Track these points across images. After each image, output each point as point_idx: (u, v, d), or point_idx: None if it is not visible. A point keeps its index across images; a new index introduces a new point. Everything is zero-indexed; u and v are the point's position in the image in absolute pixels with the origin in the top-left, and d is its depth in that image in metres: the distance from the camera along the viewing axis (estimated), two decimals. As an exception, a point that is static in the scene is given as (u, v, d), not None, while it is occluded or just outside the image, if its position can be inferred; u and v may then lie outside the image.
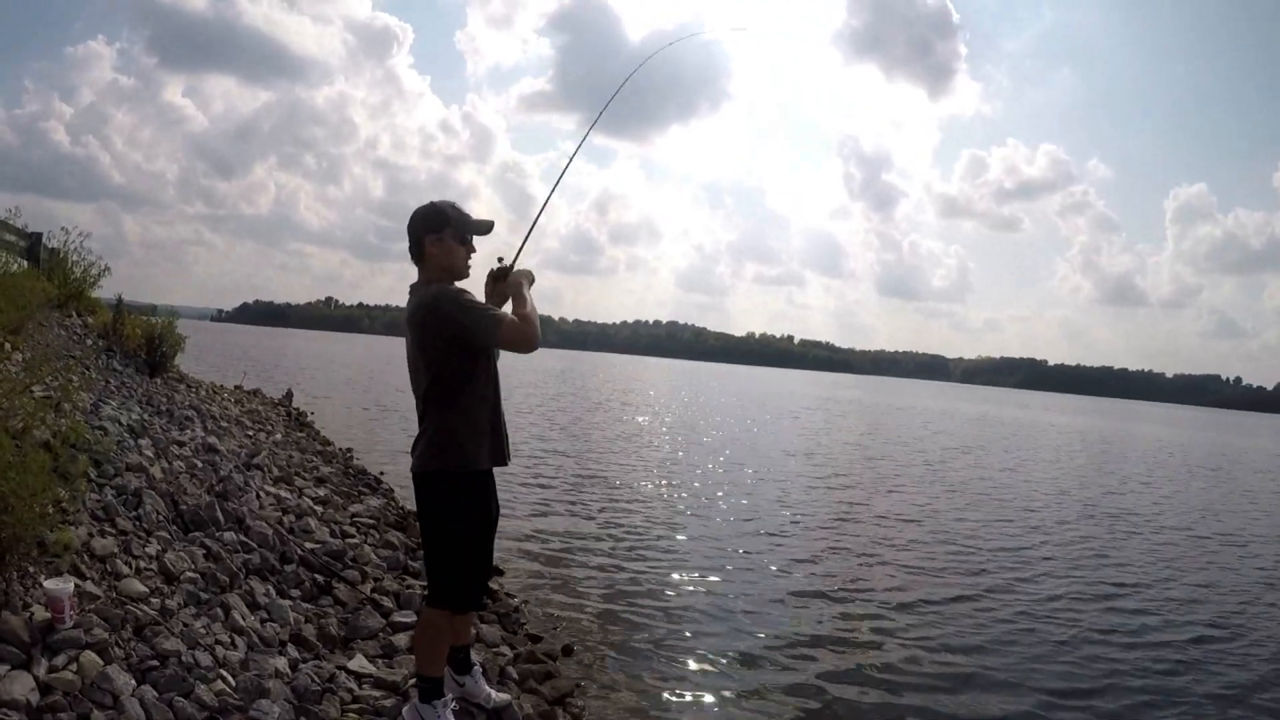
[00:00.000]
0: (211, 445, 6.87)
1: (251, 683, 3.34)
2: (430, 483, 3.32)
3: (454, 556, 3.34)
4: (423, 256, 3.34)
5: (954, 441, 25.72)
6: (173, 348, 10.43)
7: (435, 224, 3.33)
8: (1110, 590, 7.96)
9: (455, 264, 3.36)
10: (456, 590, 3.38)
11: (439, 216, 3.34)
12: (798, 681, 5.14)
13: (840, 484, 14.01)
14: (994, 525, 11.01)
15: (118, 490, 4.59)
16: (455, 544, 3.33)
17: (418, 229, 3.34)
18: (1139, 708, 5.14)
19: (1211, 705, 5.26)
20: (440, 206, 3.37)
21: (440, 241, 3.31)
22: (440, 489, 3.30)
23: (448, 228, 3.33)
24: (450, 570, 3.36)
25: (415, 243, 3.34)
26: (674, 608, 6.33)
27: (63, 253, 11.65)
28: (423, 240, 3.32)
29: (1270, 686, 5.67)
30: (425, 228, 3.33)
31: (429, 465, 3.29)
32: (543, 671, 4.53)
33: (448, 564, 3.36)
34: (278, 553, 5.05)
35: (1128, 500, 14.88)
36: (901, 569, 8.16)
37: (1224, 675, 5.81)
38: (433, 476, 3.30)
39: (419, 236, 3.33)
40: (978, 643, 6.07)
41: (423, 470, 3.31)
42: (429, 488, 3.33)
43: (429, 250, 3.32)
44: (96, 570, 3.64)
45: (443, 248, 3.32)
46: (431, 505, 3.34)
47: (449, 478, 3.28)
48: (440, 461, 3.28)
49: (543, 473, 12.38)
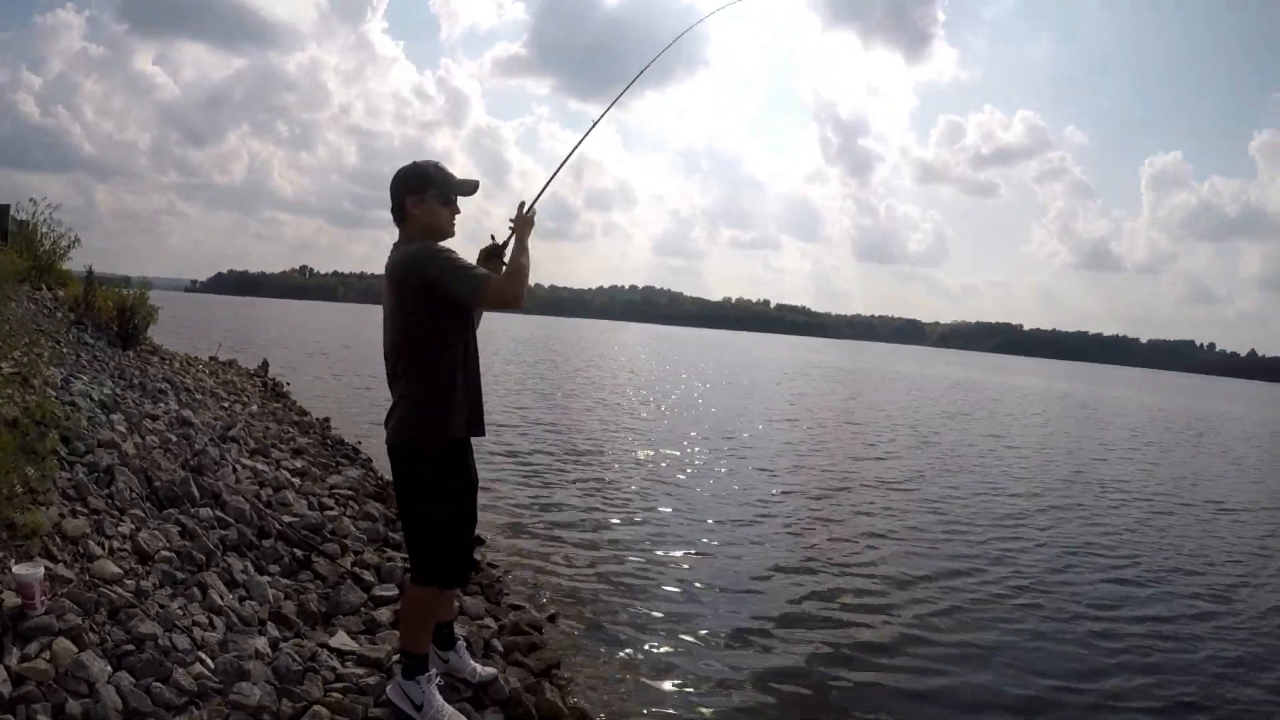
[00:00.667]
0: (186, 419, 6.76)
1: (231, 665, 3.28)
2: (407, 456, 3.24)
3: (437, 533, 3.28)
4: (405, 217, 3.27)
5: (937, 408, 25.67)
6: (145, 320, 10.27)
7: (417, 184, 3.26)
8: (1107, 561, 7.85)
9: (439, 224, 3.29)
10: (442, 567, 3.32)
11: (422, 177, 3.28)
12: (782, 648, 5.13)
13: (825, 452, 13.97)
14: (983, 494, 10.88)
15: (89, 468, 4.49)
16: (437, 520, 3.27)
17: (400, 189, 3.28)
18: (1142, 684, 5.09)
19: (1216, 681, 5.18)
20: (423, 166, 3.30)
21: (423, 202, 3.25)
22: (417, 462, 3.23)
23: (430, 188, 3.27)
24: (435, 547, 3.29)
25: (397, 204, 3.28)
26: (659, 576, 6.32)
27: (31, 225, 11.42)
28: (404, 201, 3.26)
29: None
30: (407, 188, 3.26)
31: (405, 436, 3.22)
32: (528, 643, 4.49)
33: (431, 541, 3.29)
34: (255, 527, 4.97)
35: (1117, 468, 14.82)
36: (890, 540, 8.06)
37: (1227, 651, 5.68)
38: (410, 449, 3.23)
39: (401, 197, 3.27)
40: (971, 618, 5.93)
41: (400, 442, 3.24)
42: (406, 461, 3.26)
43: (411, 211, 3.25)
44: (68, 552, 3.55)
45: (425, 208, 3.26)
46: (410, 480, 3.28)
47: (427, 450, 3.22)
48: (416, 432, 3.21)
49: (523, 442, 12.33)
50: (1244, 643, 5.88)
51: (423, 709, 3.28)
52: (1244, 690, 5.08)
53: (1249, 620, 6.39)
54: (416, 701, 3.28)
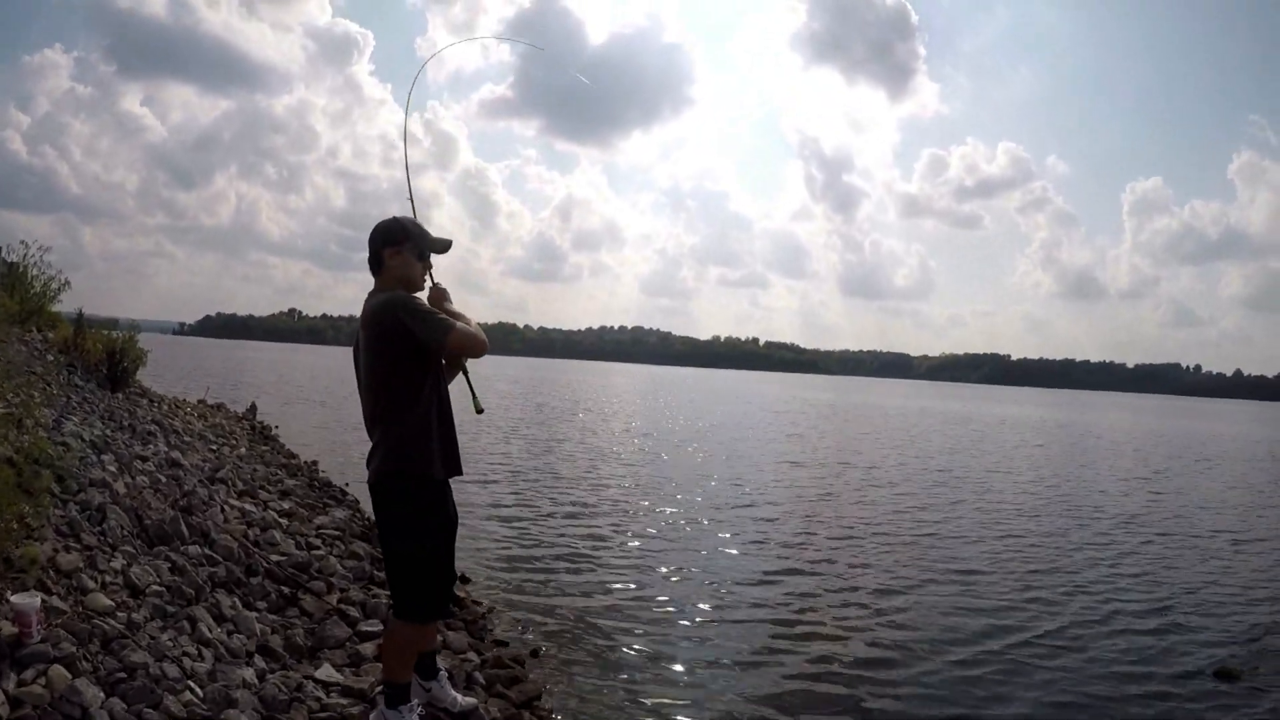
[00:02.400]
0: (175, 460, 6.86)
1: (219, 693, 3.39)
2: (388, 494, 3.37)
3: (418, 569, 3.39)
4: (381, 268, 3.45)
5: (939, 442, 25.27)
6: (134, 362, 10.33)
7: (395, 237, 3.45)
8: (1122, 602, 7.43)
9: (412, 276, 3.47)
10: (423, 602, 3.43)
11: (400, 230, 3.47)
12: (766, 683, 5.21)
13: (814, 489, 13.97)
14: (1004, 534, 10.37)
15: (82, 506, 4.60)
16: (418, 557, 3.38)
17: (378, 241, 3.46)
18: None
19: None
20: (402, 221, 3.52)
21: (399, 254, 3.43)
22: (398, 500, 3.35)
23: (407, 242, 3.45)
24: (416, 583, 3.40)
25: (375, 254, 3.46)
26: (642, 613, 6.41)
27: (21, 267, 11.50)
28: (382, 252, 3.44)
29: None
30: (385, 240, 3.45)
31: (387, 474, 3.35)
32: (509, 676, 4.59)
33: (412, 577, 3.41)
34: (243, 565, 5.08)
35: (1137, 500, 14.41)
36: (888, 577, 7.98)
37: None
38: (391, 487, 3.35)
39: (379, 248, 3.45)
40: (992, 676, 5.49)
41: (381, 480, 3.37)
42: (387, 499, 3.38)
43: (388, 262, 3.43)
44: (62, 585, 3.66)
45: (401, 260, 3.43)
46: (391, 518, 3.40)
47: (409, 488, 3.34)
48: (397, 471, 3.34)
49: (509, 480, 12.44)
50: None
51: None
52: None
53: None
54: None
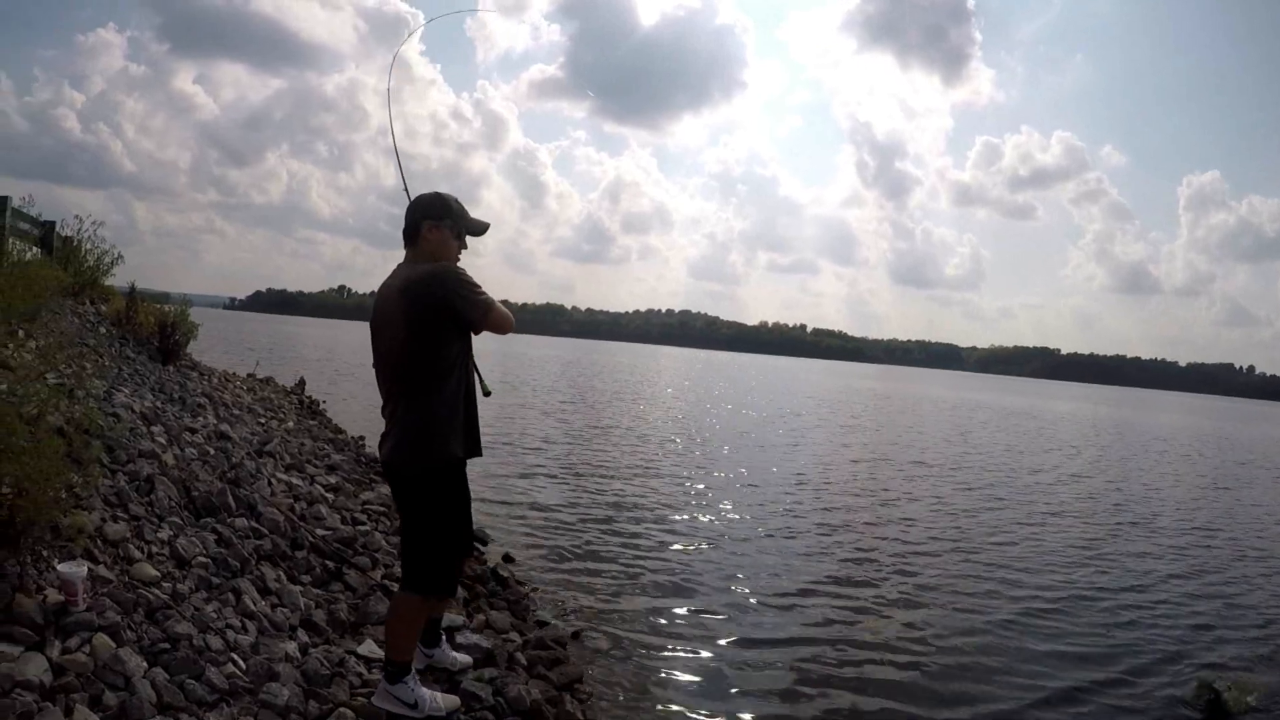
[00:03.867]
0: (224, 432, 6.91)
1: (262, 666, 3.38)
2: (408, 473, 3.35)
3: (437, 547, 3.40)
4: (417, 240, 3.40)
5: (1003, 439, 24.24)
6: (185, 336, 10.48)
7: (438, 212, 3.41)
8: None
9: (448, 254, 3.42)
10: (438, 578, 3.44)
11: (443, 206, 3.43)
12: (807, 672, 5.14)
13: (876, 486, 13.50)
14: (1072, 545, 9.45)
15: (130, 476, 4.62)
16: (438, 536, 3.38)
17: (419, 213, 3.41)
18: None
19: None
20: (445, 198, 3.46)
21: (438, 229, 3.39)
22: (420, 483, 3.34)
23: (448, 218, 3.41)
24: (433, 560, 3.40)
25: (412, 226, 3.41)
26: (685, 597, 6.36)
27: (76, 241, 11.70)
28: (421, 224, 3.39)
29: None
30: (426, 213, 3.40)
31: (407, 461, 3.33)
32: (551, 658, 4.56)
33: (431, 554, 3.40)
34: (289, 539, 5.09)
35: (1204, 512, 13.24)
36: (932, 570, 7.85)
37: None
38: (411, 467, 3.34)
39: (418, 220, 3.40)
40: (1041, 670, 5.44)
41: (400, 466, 3.36)
42: (407, 481, 3.37)
43: (425, 235, 3.38)
44: (109, 554, 3.67)
45: (439, 236, 3.39)
46: (412, 497, 3.39)
47: (430, 463, 3.31)
48: (418, 457, 3.31)
49: (555, 461, 12.44)
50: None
51: (417, 705, 3.39)
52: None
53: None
54: (409, 701, 3.39)
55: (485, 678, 3.94)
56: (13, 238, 9.13)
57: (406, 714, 3.37)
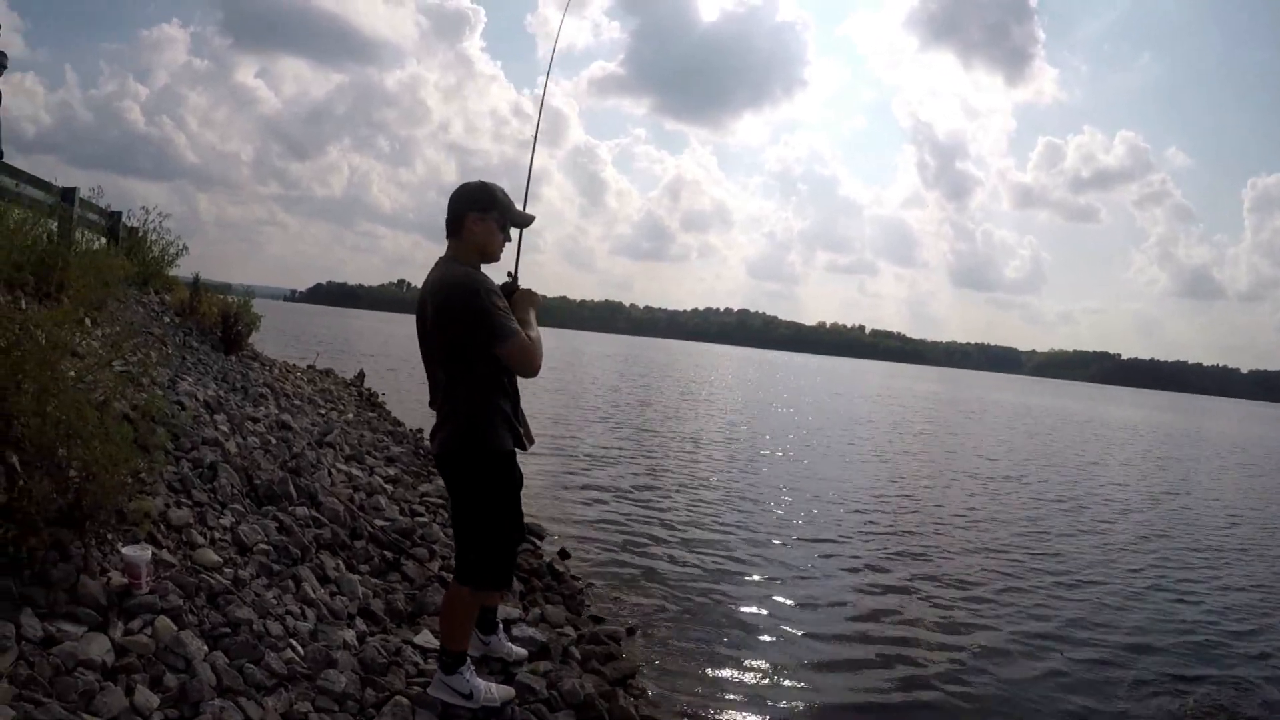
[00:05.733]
0: (285, 422, 7.00)
1: (320, 653, 3.39)
2: (460, 465, 3.30)
3: (489, 539, 3.35)
4: (461, 231, 3.32)
5: (1065, 445, 23.73)
6: (248, 326, 10.63)
7: (484, 202, 3.32)
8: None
9: (492, 246, 3.35)
10: (492, 570, 3.39)
11: (489, 196, 3.33)
12: (864, 677, 5.05)
13: (937, 486, 13.34)
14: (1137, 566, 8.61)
15: (194, 463, 4.69)
16: (489, 528, 3.34)
17: (463, 203, 3.32)
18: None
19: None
20: (491, 188, 3.36)
21: (484, 221, 3.30)
22: (470, 472, 3.29)
23: (494, 210, 3.32)
24: (486, 552, 3.36)
25: (456, 216, 3.32)
26: (741, 596, 6.28)
27: (142, 232, 11.95)
28: (466, 215, 3.30)
29: None
30: (472, 203, 3.31)
31: (457, 452, 3.29)
32: (605, 653, 4.53)
33: (484, 546, 3.36)
34: (348, 529, 5.12)
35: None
36: (996, 577, 7.61)
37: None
38: (462, 459, 3.29)
39: (463, 211, 3.31)
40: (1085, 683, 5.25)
41: (450, 453, 3.31)
42: (459, 472, 3.32)
43: (470, 226, 3.30)
44: (172, 539, 3.72)
45: (485, 228, 3.31)
46: (462, 490, 3.35)
47: (476, 457, 3.26)
48: (467, 448, 3.26)
49: (612, 457, 12.44)
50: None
51: (472, 696, 3.37)
52: None
53: None
54: (464, 691, 3.36)
55: (540, 670, 3.92)
56: (81, 228, 9.33)
57: (461, 704, 3.35)
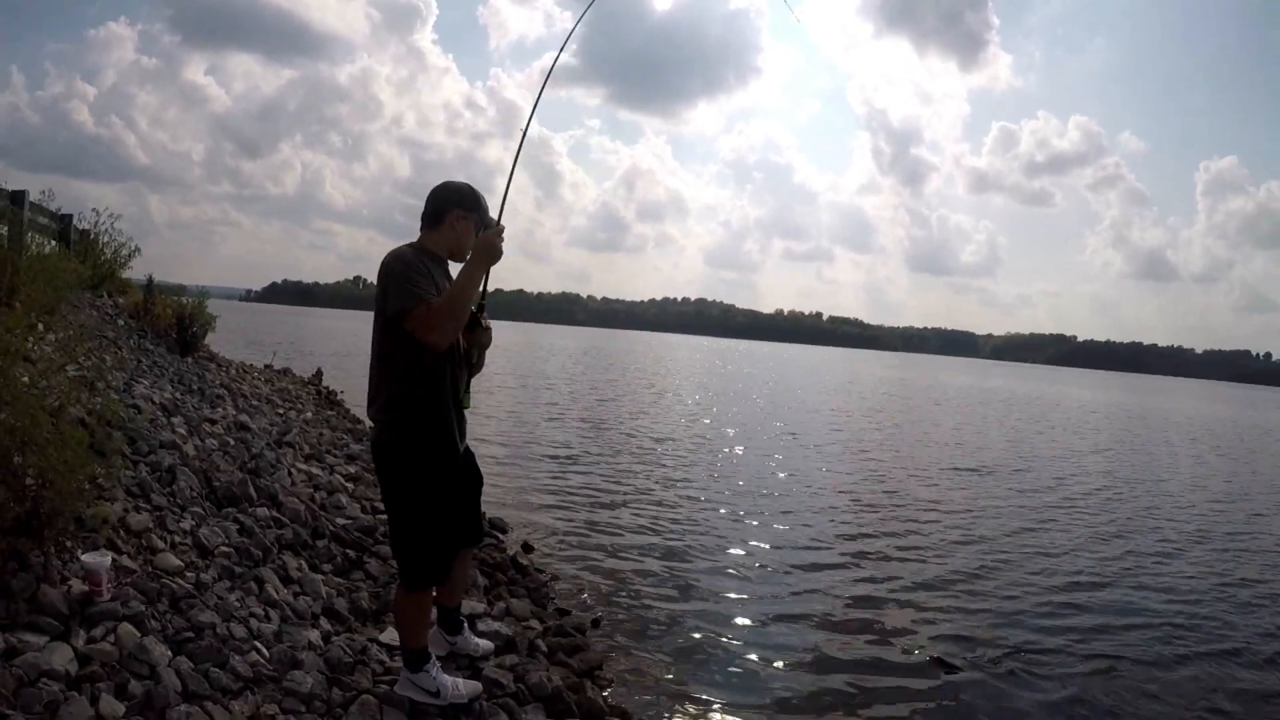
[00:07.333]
0: (243, 423, 6.95)
1: (285, 654, 3.40)
2: (382, 459, 3.26)
3: (416, 536, 3.27)
4: (441, 225, 3.32)
5: (1035, 429, 23.78)
6: (203, 327, 10.54)
7: (469, 204, 3.35)
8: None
9: (466, 246, 3.33)
10: (417, 570, 3.30)
11: (474, 199, 3.37)
12: (828, 660, 5.12)
13: (885, 466, 13.65)
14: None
15: (152, 467, 4.65)
16: (410, 525, 3.26)
17: (448, 199, 3.33)
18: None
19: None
20: (479, 193, 3.40)
21: (465, 220, 3.33)
22: (391, 467, 3.24)
23: (475, 213, 3.36)
24: (410, 550, 3.29)
25: (439, 210, 3.32)
26: (704, 585, 6.35)
27: (93, 234, 11.78)
28: (450, 210, 3.31)
29: None
30: (457, 201, 3.33)
31: (382, 437, 3.23)
32: (571, 645, 4.57)
33: (407, 544, 3.30)
34: (310, 528, 5.11)
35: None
36: (953, 554, 7.84)
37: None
38: (384, 451, 3.24)
39: (446, 207, 3.32)
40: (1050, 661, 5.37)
41: (376, 444, 3.29)
42: (381, 464, 3.28)
43: (452, 222, 3.31)
44: (132, 545, 3.70)
45: (465, 227, 3.33)
46: (386, 485, 3.30)
47: (400, 452, 3.20)
48: (391, 434, 3.20)
49: (572, 450, 12.46)
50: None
51: (439, 693, 3.37)
52: None
53: None
54: (431, 689, 3.37)
55: (507, 664, 3.95)
56: (32, 232, 9.17)
57: (429, 701, 3.36)
